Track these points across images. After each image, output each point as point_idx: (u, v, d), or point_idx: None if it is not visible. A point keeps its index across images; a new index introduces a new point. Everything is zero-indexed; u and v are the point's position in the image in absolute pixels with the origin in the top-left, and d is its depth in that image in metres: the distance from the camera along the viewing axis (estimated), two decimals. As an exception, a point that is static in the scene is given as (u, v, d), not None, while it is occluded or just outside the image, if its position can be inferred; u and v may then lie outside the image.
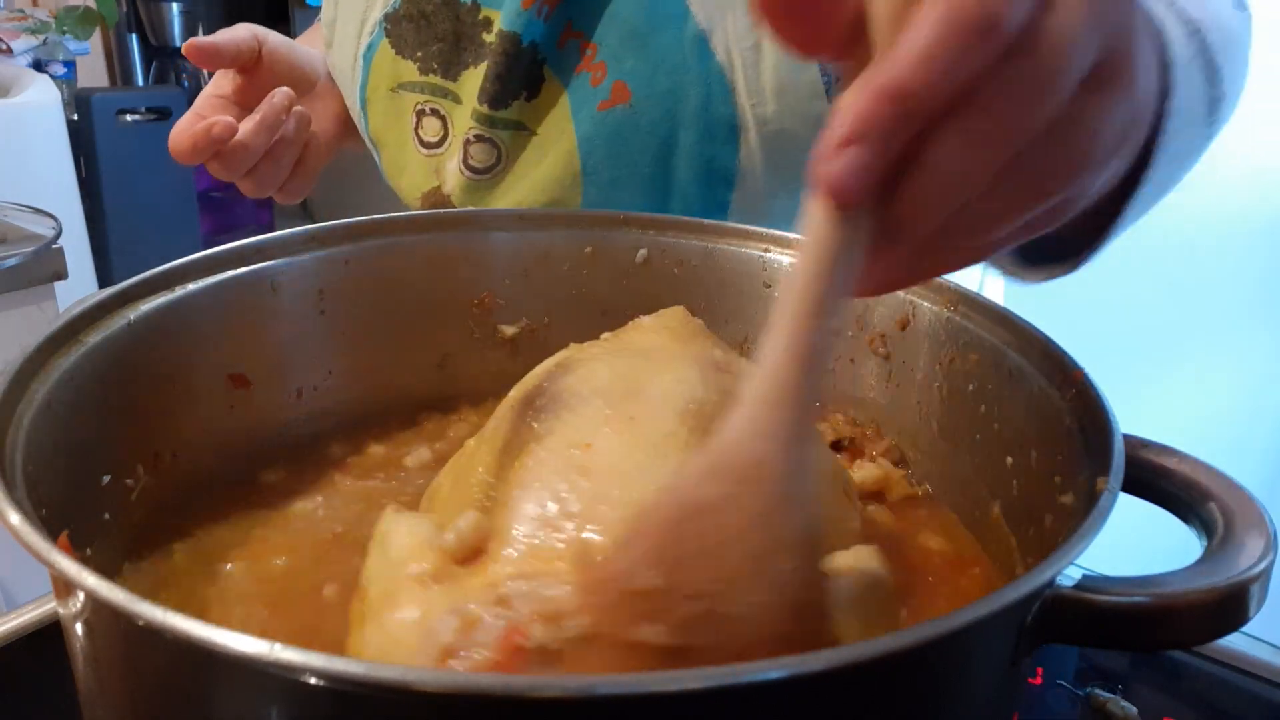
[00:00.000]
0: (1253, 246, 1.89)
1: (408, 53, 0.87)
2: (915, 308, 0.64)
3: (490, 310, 0.74)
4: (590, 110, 0.79)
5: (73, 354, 0.52)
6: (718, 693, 0.31)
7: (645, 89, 0.76)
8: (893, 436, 0.66)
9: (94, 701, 0.42)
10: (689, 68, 0.75)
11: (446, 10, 0.84)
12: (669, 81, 0.76)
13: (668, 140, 0.77)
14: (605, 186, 0.80)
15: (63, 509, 0.47)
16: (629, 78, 0.77)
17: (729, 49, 0.74)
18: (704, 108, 0.75)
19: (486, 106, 0.83)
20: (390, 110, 0.91)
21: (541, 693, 0.31)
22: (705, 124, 0.76)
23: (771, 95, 0.74)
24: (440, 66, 0.87)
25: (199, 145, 0.77)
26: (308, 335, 0.67)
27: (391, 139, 0.92)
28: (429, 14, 0.85)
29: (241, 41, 0.85)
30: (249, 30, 0.87)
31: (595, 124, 0.79)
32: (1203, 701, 0.65)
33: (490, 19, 0.83)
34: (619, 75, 0.77)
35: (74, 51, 2.88)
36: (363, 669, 0.31)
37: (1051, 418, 0.51)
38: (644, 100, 0.77)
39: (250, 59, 0.86)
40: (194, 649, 0.33)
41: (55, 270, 1.55)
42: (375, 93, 0.91)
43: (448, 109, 0.88)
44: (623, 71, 0.77)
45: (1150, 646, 0.57)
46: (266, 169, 0.82)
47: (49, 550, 0.36)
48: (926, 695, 0.37)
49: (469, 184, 0.86)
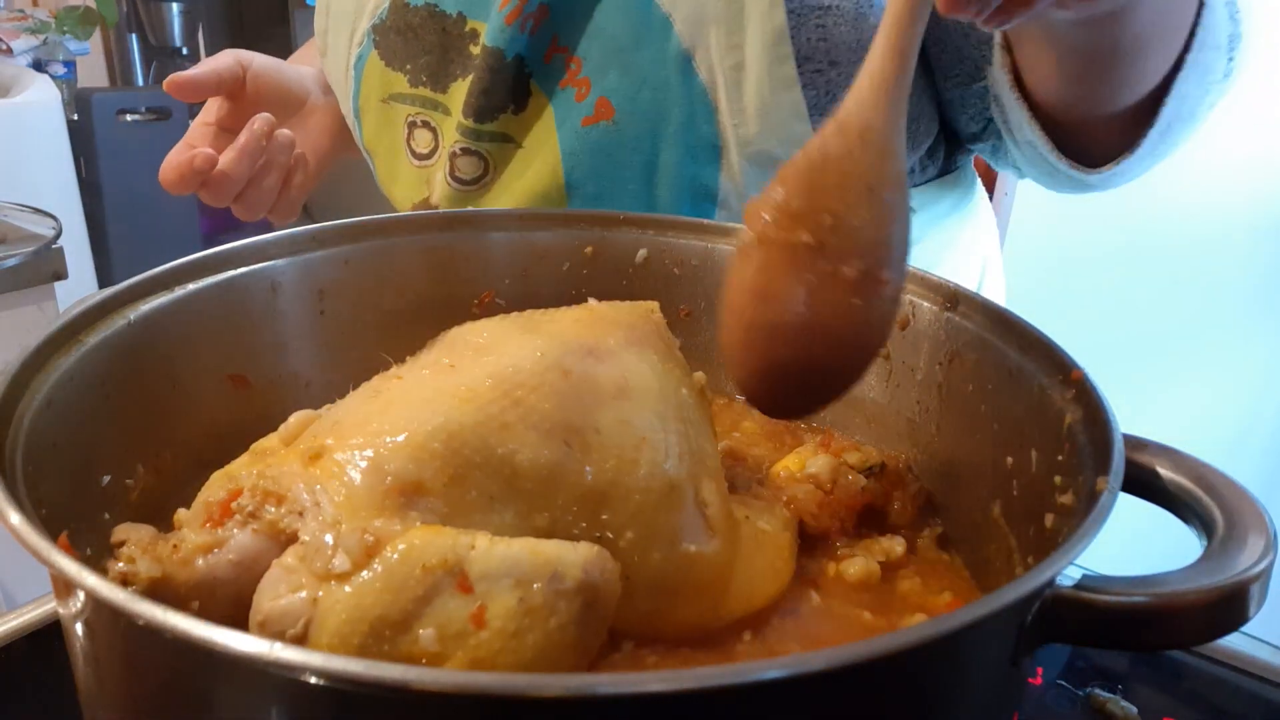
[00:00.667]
0: (1253, 247, 1.89)
1: (396, 64, 0.87)
2: (915, 308, 0.64)
3: (490, 310, 0.73)
4: (574, 125, 0.79)
5: (73, 354, 0.52)
6: (718, 693, 0.31)
7: (628, 106, 0.77)
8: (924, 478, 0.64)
9: (94, 701, 0.42)
10: (671, 85, 0.75)
11: (432, 22, 0.84)
12: (652, 99, 0.76)
13: (650, 157, 0.78)
14: (590, 200, 0.80)
15: (63, 509, 0.47)
16: (612, 94, 0.77)
17: (712, 68, 0.74)
18: (686, 126, 0.76)
19: (472, 120, 0.83)
20: (382, 121, 0.91)
21: (541, 692, 0.31)
22: (687, 143, 0.76)
23: (754, 116, 0.73)
24: (429, 79, 0.86)
25: (184, 176, 0.79)
26: (308, 335, 0.67)
27: (384, 149, 0.92)
28: (415, 26, 0.85)
29: (223, 70, 0.86)
30: (232, 57, 0.87)
31: (579, 139, 0.79)
32: (1203, 701, 0.64)
33: (476, 30, 0.82)
34: (602, 91, 0.77)
35: (74, 51, 2.88)
36: (362, 668, 0.31)
37: (1051, 418, 0.51)
38: (627, 117, 0.77)
39: (234, 85, 0.87)
40: (194, 649, 0.33)
41: (55, 270, 1.55)
42: (367, 102, 0.91)
43: (438, 121, 0.87)
44: (606, 88, 0.77)
45: (1150, 646, 0.57)
46: (252, 194, 0.84)
47: (49, 550, 0.36)
48: (927, 695, 0.37)
49: (456, 195, 0.86)
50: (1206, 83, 0.64)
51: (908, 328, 0.64)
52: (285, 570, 0.43)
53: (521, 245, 0.74)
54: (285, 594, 0.42)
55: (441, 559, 0.41)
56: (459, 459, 0.46)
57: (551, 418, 0.48)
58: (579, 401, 0.50)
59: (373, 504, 0.43)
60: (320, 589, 0.41)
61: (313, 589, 0.41)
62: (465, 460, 0.46)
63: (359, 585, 0.41)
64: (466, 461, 0.46)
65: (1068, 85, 0.65)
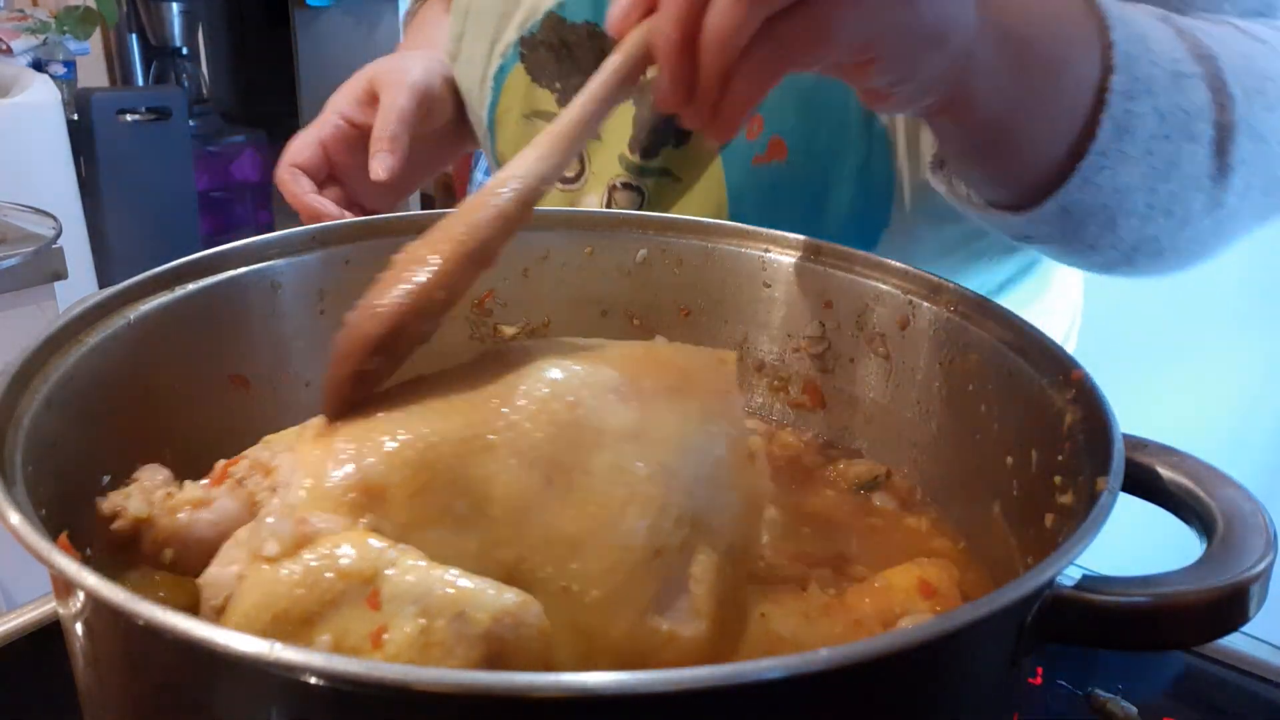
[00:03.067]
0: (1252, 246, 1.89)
1: (545, 81, 0.84)
2: (915, 308, 0.64)
3: (490, 310, 0.73)
4: (744, 163, 0.77)
5: (73, 354, 0.52)
6: (718, 692, 0.31)
7: (804, 146, 0.75)
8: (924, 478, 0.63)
9: (94, 701, 0.42)
10: (850, 127, 0.74)
11: (591, 43, 0.80)
12: (830, 141, 0.74)
13: (820, 194, 0.76)
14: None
15: (63, 509, 0.47)
16: (788, 136, 0.75)
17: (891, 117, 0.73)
18: (863, 167, 0.74)
19: (638, 156, 0.80)
20: (522, 137, 0.85)
21: (541, 692, 0.31)
22: (863, 182, 0.75)
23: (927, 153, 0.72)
24: None
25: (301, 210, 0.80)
26: (308, 335, 0.67)
27: None
28: (571, 44, 0.81)
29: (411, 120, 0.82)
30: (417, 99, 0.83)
31: (748, 175, 0.77)
32: (1203, 701, 0.64)
33: None
34: (777, 130, 0.76)
35: (74, 51, 2.88)
36: (363, 668, 0.31)
37: (1051, 418, 0.51)
38: (801, 156, 0.75)
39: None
40: (194, 649, 0.33)
41: (55, 270, 1.55)
42: (506, 115, 0.87)
43: (588, 146, 0.83)
44: (783, 128, 0.75)
45: (1150, 646, 0.57)
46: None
47: (49, 550, 0.36)
48: (927, 695, 0.37)
49: None
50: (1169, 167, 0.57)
51: (908, 328, 0.64)
52: (234, 542, 0.44)
53: (521, 245, 0.73)
54: (225, 564, 0.43)
55: (359, 570, 0.40)
56: (430, 472, 0.44)
57: (539, 448, 0.46)
58: (577, 437, 0.46)
59: (331, 498, 0.43)
60: (249, 569, 0.42)
61: (243, 567, 0.42)
62: (437, 475, 0.44)
63: (277, 574, 0.41)
64: (438, 476, 0.44)
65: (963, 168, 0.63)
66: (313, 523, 0.42)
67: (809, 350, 0.70)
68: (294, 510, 0.43)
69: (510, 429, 0.46)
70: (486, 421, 0.46)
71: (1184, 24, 0.58)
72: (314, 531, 0.42)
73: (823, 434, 0.70)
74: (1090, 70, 0.54)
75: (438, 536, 0.44)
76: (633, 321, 0.74)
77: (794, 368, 0.70)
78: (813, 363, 0.70)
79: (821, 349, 0.69)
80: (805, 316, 0.69)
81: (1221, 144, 0.57)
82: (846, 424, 0.69)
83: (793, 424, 0.71)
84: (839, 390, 0.69)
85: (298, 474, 0.45)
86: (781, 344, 0.71)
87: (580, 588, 0.44)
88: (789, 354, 0.71)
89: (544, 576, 0.44)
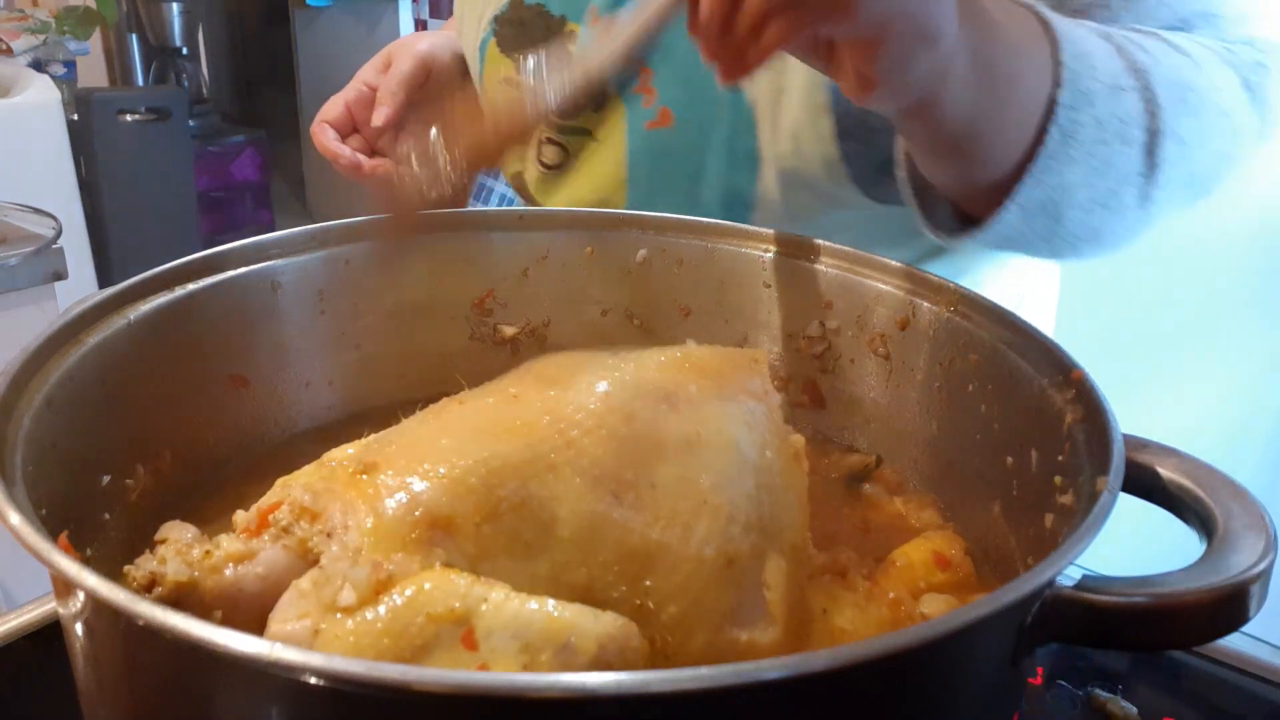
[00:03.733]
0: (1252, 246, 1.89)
1: (509, 53, 0.96)
2: (915, 308, 0.64)
3: (490, 310, 0.74)
4: (639, 127, 0.85)
5: (73, 354, 0.52)
6: (718, 693, 0.31)
7: (685, 114, 0.83)
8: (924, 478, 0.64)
9: (94, 701, 0.42)
10: (722, 102, 0.81)
11: (540, 20, 0.92)
12: (705, 111, 0.82)
13: (699, 163, 0.83)
14: (645, 193, 0.86)
15: (63, 509, 0.47)
16: (673, 105, 0.83)
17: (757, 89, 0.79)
18: (731, 138, 0.81)
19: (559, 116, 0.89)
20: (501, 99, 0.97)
21: (541, 692, 0.31)
22: (730, 152, 0.81)
23: (787, 136, 0.78)
24: None
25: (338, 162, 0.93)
26: (308, 335, 0.67)
27: None
28: (526, 21, 0.93)
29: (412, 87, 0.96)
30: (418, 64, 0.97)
31: (643, 139, 0.85)
32: (1203, 701, 0.64)
33: (574, 31, 0.90)
34: (665, 101, 0.84)
35: (74, 51, 2.88)
36: (362, 669, 0.31)
37: (1051, 418, 0.51)
38: (682, 124, 0.83)
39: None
40: (194, 649, 0.33)
41: (55, 270, 1.55)
42: (490, 80, 0.99)
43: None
44: (669, 98, 0.83)
45: (1150, 646, 0.57)
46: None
47: (49, 550, 0.36)
48: (927, 695, 0.37)
49: (541, 177, 0.94)
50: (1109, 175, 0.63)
51: (908, 328, 0.64)
52: (298, 594, 0.41)
53: (521, 245, 0.74)
54: (292, 619, 0.40)
55: (449, 609, 0.39)
56: (495, 498, 0.43)
57: (602, 464, 0.45)
58: (638, 451, 0.46)
59: (398, 536, 0.41)
60: (324, 620, 0.39)
61: (317, 619, 0.40)
62: (502, 500, 0.43)
63: (360, 624, 0.39)
64: (503, 501, 0.43)
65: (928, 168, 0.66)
66: (392, 563, 0.40)
67: (809, 350, 0.70)
68: (360, 554, 0.41)
69: (570, 447, 0.45)
70: (546, 440, 0.45)
71: (1121, 40, 0.65)
72: (394, 574, 0.40)
73: (823, 433, 0.70)
74: (1042, 84, 0.60)
75: (509, 564, 0.42)
76: (633, 321, 0.74)
77: (794, 368, 0.70)
78: (813, 362, 0.70)
79: (821, 349, 0.69)
80: (805, 316, 0.69)
81: (1151, 146, 0.63)
82: (846, 424, 0.69)
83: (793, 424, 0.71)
84: (839, 390, 0.69)
85: (355, 515, 0.42)
86: (782, 344, 0.71)
87: (656, 604, 0.44)
88: (789, 354, 0.71)
89: (618, 596, 0.43)
